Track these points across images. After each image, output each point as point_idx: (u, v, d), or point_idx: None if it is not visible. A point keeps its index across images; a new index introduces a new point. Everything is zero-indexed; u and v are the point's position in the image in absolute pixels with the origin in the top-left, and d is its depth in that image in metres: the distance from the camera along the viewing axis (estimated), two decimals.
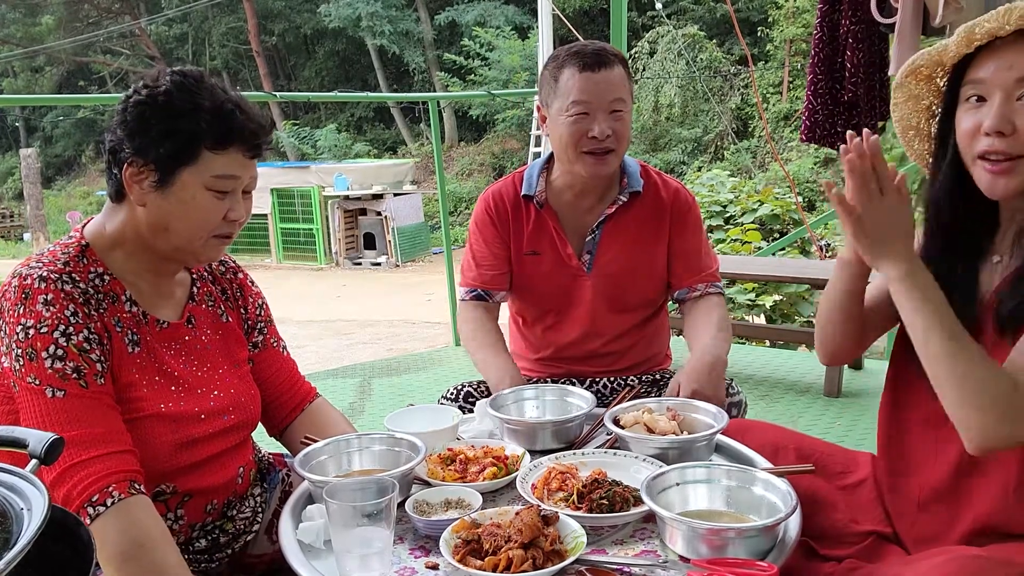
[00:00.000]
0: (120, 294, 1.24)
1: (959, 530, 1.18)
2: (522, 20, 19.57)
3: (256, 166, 1.28)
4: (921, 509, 1.24)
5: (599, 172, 1.77)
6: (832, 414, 2.96)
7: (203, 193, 1.21)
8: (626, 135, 1.77)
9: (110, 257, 1.25)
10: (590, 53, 1.73)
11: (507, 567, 1.02)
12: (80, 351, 1.15)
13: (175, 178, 1.19)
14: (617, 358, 1.92)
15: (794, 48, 14.85)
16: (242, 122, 1.21)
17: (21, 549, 0.66)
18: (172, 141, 1.18)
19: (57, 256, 1.21)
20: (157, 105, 1.18)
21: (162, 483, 1.24)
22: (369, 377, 3.72)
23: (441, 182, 4.62)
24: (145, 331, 1.26)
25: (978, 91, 1.11)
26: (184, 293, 1.36)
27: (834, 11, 3.00)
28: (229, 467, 1.33)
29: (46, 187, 22.15)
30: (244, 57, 25.15)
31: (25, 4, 25.36)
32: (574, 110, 1.72)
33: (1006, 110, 1.08)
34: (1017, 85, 1.07)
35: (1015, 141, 1.08)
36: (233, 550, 1.36)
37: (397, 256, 13.52)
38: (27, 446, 0.86)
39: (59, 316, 1.15)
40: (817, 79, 3.06)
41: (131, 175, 1.20)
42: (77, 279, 1.19)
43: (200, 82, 1.21)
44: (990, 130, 1.09)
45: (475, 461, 1.37)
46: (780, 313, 5.03)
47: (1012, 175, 1.10)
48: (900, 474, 1.28)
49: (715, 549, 1.06)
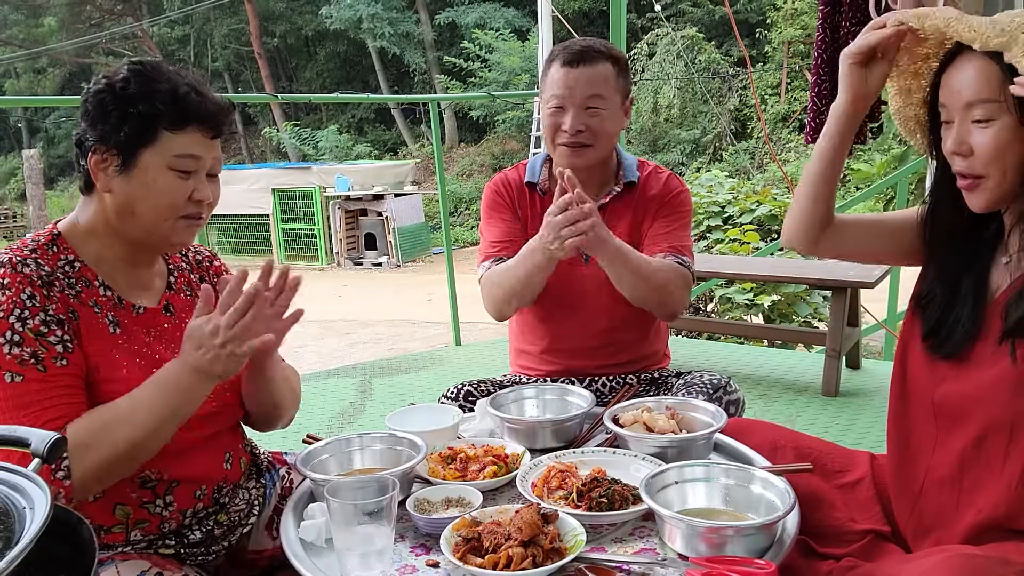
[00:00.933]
0: (92, 280, 1.25)
1: (962, 522, 1.18)
2: (522, 23, 19.58)
3: (219, 148, 1.29)
4: (923, 496, 1.24)
5: (573, 164, 1.81)
6: (830, 413, 2.96)
7: (165, 174, 1.22)
8: (605, 131, 1.80)
9: (84, 248, 1.26)
10: (575, 50, 1.78)
11: (507, 565, 1.02)
12: (37, 335, 1.15)
13: (137, 160, 1.21)
14: (615, 351, 1.93)
15: (792, 50, 14.86)
16: (199, 103, 1.23)
17: (23, 548, 0.67)
18: (131, 124, 1.20)
19: (26, 243, 1.23)
20: (115, 92, 1.20)
21: (146, 469, 1.24)
22: (370, 377, 3.72)
23: (441, 183, 4.62)
24: (123, 314, 1.27)
25: (945, 114, 1.16)
26: (162, 283, 1.37)
27: (835, 12, 3.00)
28: (215, 455, 1.34)
29: (48, 188, 22.18)
30: (246, 59, 25.16)
31: (27, 5, 25.38)
32: (552, 103, 1.80)
33: (962, 132, 1.13)
34: (967, 109, 1.11)
35: (974, 161, 1.12)
36: (230, 543, 1.37)
37: (398, 256, 13.53)
38: (29, 445, 0.86)
39: (14, 300, 1.14)
40: (820, 80, 3.06)
41: (96, 163, 1.22)
42: (42, 263, 1.20)
43: (157, 69, 1.24)
44: (949, 151, 1.15)
45: (475, 460, 1.37)
46: (778, 313, 5.04)
47: (978, 191, 1.14)
48: (904, 462, 1.29)
49: (714, 547, 1.07)
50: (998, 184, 1.12)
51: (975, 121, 1.11)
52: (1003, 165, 1.10)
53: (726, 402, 1.73)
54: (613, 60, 1.80)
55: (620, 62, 1.82)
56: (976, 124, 1.11)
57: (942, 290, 1.24)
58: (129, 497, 1.24)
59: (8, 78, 27.02)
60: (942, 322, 1.23)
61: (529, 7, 18.70)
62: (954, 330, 1.21)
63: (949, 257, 1.25)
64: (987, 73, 1.09)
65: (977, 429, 1.16)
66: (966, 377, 1.19)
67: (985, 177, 1.12)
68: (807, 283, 4.30)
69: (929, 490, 1.23)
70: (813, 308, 4.97)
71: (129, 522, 1.24)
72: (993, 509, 1.14)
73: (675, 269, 1.80)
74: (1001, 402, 1.13)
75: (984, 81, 1.09)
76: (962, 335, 1.19)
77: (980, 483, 1.17)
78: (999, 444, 1.14)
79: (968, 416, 1.18)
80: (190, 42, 25.36)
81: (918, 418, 1.27)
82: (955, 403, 1.20)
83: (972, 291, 1.20)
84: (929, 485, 1.24)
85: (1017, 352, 1.11)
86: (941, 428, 1.22)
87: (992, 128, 1.09)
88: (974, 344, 1.18)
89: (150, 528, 1.26)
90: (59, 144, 26.52)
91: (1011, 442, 1.13)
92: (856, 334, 3.40)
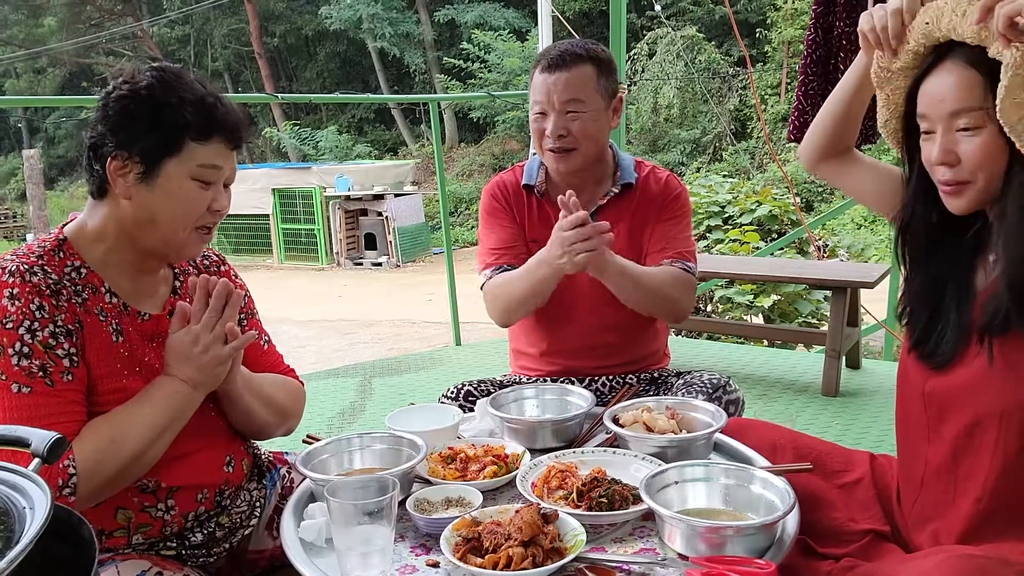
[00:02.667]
0: (99, 286, 1.24)
1: (959, 512, 1.18)
2: (521, 23, 19.58)
3: (235, 159, 1.30)
4: (924, 487, 1.25)
5: (559, 168, 1.84)
6: (830, 413, 2.96)
7: (188, 183, 1.22)
8: (588, 133, 1.80)
9: (90, 252, 1.25)
10: (553, 55, 1.79)
11: (507, 565, 1.02)
12: (46, 348, 1.15)
13: (160, 169, 1.20)
14: (614, 352, 1.93)
15: (792, 49, 14.87)
16: (224, 114, 1.24)
17: (24, 548, 0.67)
18: (157, 133, 1.19)
19: (32, 249, 1.22)
20: (140, 98, 1.19)
21: (146, 476, 1.24)
22: (370, 377, 3.73)
23: (441, 183, 4.62)
24: (127, 322, 1.26)
25: (924, 126, 1.16)
26: (167, 288, 1.37)
27: (829, 13, 3.00)
28: (214, 459, 1.33)
29: (49, 188, 22.17)
30: (246, 59, 25.17)
31: (28, 5, 25.38)
32: (535, 109, 1.83)
33: (948, 142, 1.13)
34: (952, 118, 1.11)
35: (961, 169, 1.12)
36: (231, 544, 1.36)
37: (398, 256, 13.53)
38: (29, 445, 0.86)
39: (24, 311, 1.14)
40: (809, 80, 3.06)
41: (115, 169, 1.20)
42: (49, 271, 1.19)
43: (180, 76, 1.23)
44: (935, 163, 1.15)
45: (475, 460, 1.37)
46: (778, 313, 5.04)
47: (962, 196, 1.15)
48: (908, 455, 1.30)
49: (713, 547, 1.07)
50: (984, 188, 1.13)
51: (960, 130, 1.11)
52: (990, 170, 1.11)
53: (726, 402, 1.74)
54: (594, 61, 1.79)
55: (602, 63, 1.81)
56: (962, 133, 1.11)
57: (926, 300, 1.24)
58: (131, 502, 1.24)
59: (8, 78, 27.01)
60: (928, 333, 1.23)
61: (529, 7, 18.71)
62: (940, 342, 1.21)
63: (929, 266, 1.25)
64: (969, 81, 1.09)
65: (968, 418, 1.17)
66: (954, 372, 1.19)
67: (971, 183, 1.13)
68: (807, 283, 4.30)
69: (928, 480, 1.24)
70: (815, 304, 4.97)
71: (131, 526, 1.24)
72: (990, 498, 1.15)
73: (678, 276, 1.81)
74: (990, 393, 1.14)
75: (967, 89, 1.09)
76: (949, 347, 1.19)
77: (973, 471, 1.17)
78: (990, 432, 1.14)
79: (958, 406, 1.18)
80: (190, 42, 25.36)
81: (913, 410, 1.27)
82: (944, 394, 1.20)
83: (956, 297, 1.20)
84: (928, 476, 1.24)
85: (994, 351, 1.11)
86: (932, 418, 1.23)
87: (980, 136, 1.09)
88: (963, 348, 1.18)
89: (152, 532, 1.26)
90: (59, 144, 26.54)
91: (1001, 430, 1.13)
92: (856, 334, 3.40)
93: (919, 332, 1.25)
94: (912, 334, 1.27)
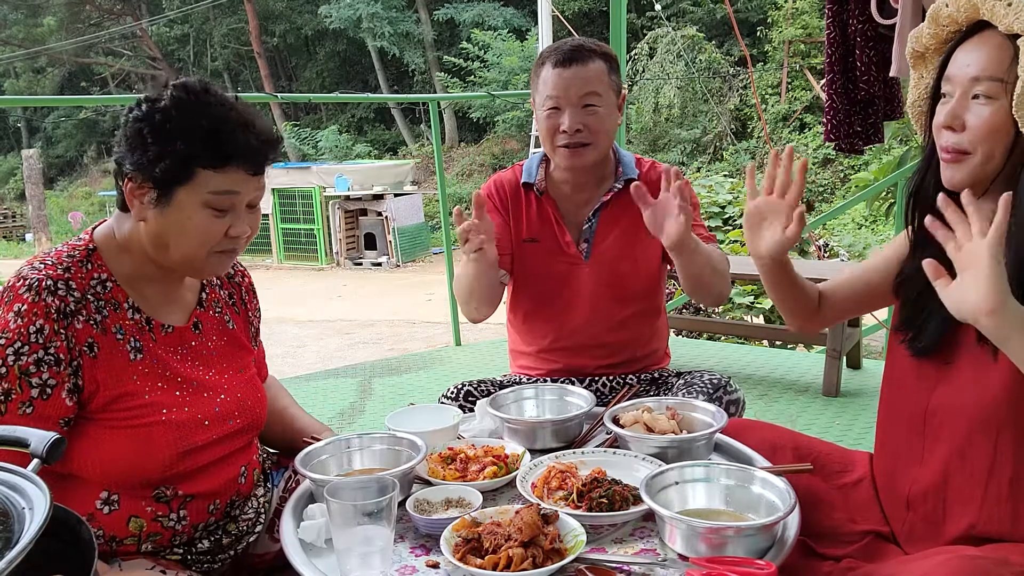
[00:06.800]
0: (122, 301, 1.23)
1: (949, 532, 1.18)
2: (520, 23, 19.58)
3: (262, 180, 1.25)
4: (910, 508, 1.24)
5: (574, 164, 1.83)
6: (830, 413, 2.96)
7: (200, 211, 1.19)
8: (603, 128, 1.80)
9: (117, 261, 1.24)
10: (566, 50, 1.78)
11: (507, 565, 1.02)
12: (23, 374, 1.12)
13: (172, 196, 1.18)
14: (615, 350, 1.93)
15: (793, 49, 14.85)
16: (243, 141, 1.18)
17: (23, 548, 0.67)
18: (167, 162, 1.16)
19: (62, 259, 1.20)
20: (153, 124, 1.16)
21: (162, 486, 1.24)
22: (370, 377, 3.72)
23: (441, 183, 4.62)
24: (148, 338, 1.25)
25: (946, 88, 1.16)
26: (193, 298, 1.36)
27: (843, 11, 3.00)
28: (232, 470, 1.33)
29: (48, 188, 22.18)
30: (245, 58, 25.15)
31: (27, 5, 25.37)
32: (548, 105, 1.80)
33: (958, 107, 1.13)
34: (972, 83, 1.11)
35: (963, 137, 1.13)
36: (236, 551, 1.36)
37: (398, 256, 13.52)
38: (29, 445, 0.86)
39: (20, 332, 1.12)
40: (834, 79, 3.07)
41: (131, 190, 1.19)
42: (73, 286, 1.17)
43: (201, 98, 1.19)
44: (941, 125, 1.15)
45: (475, 460, 1.37)
46: (778, 313, 5.02)
47: (959, 166, 1.14)
48: (892, 471, 1.29)
49: (714, 548, 1.06)
50: (981, 164, 1.12)
51: (975, 97, 1.12)
52: (991, 145, 1.11)
53: (726, 402, 1.74)
54: (604, 57, 1.80)
55: (611, 59, 1.82)
56: (976, 100, 1.12)
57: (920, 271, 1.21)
58: (144, 511, 1.23)
59: (7, 78, 26.99)
60: (914, 316, 1.22)
61: (528, 7, 18.70)
62: (927, 322, 1.19)
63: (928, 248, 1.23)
64: (999, 50, 1.10)
65: (962, 436, 1.15)
66: (954, 379, 1.18)
67: (971, 154, 1.13)
68: None
69: (915, 501, 1.23)
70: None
71: (142, 535, 1.24)
72: (983, 524, 1.14)
73: (721, 253, 1.83)
74: (987, 405, 1.12)
75: (995, 59, 1.10)
76: (934, 329, 1.18)
77: (964, 495, 1.16)
78: (984, 454, 1.13)
79: (955, 422, 1.17)
80: (189, 42, 25.35)
81: (907, 428, 1.26)
82: (948, 410, 1.19)
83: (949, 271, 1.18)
84: (914, 496, 1.23)
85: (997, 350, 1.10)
86: (929, 438, 1.22)
87: (991, 107, 1.10)
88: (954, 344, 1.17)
89: (162, 540, 1.26)
90: (58, 144, 26.53)
91: (996, 452, 1.12)
92: (856, 334, 3.40)
93: (909, 306, 1.24)
94: (901, 309, 1.26)
